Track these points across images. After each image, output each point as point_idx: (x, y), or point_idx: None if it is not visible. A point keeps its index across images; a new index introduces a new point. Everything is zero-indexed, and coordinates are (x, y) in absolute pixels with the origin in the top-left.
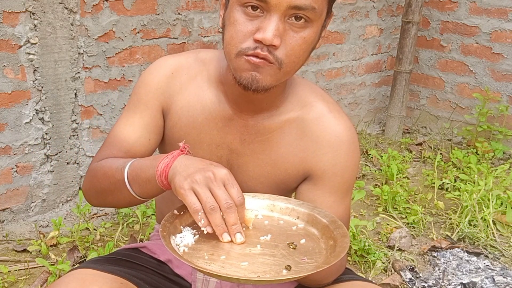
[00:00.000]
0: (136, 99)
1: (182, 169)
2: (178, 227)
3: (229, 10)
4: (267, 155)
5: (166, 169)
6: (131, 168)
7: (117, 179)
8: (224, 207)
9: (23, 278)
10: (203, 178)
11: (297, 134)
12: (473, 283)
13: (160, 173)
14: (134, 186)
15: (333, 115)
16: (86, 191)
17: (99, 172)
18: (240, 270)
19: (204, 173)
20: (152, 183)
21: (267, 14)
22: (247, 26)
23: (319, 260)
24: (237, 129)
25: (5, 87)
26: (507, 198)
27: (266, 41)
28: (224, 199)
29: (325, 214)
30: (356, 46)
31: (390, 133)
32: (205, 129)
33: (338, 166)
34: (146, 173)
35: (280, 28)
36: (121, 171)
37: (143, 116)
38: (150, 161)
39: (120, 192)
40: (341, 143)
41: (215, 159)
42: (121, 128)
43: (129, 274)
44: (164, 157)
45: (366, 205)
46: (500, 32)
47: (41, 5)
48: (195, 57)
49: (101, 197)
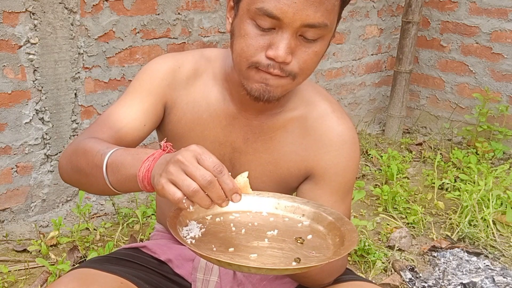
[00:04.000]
0: (138, 84)
1: (158, 168)
2: (184, 221)
3: (239, 20)
4: (269, 154)
5: (148, 173)
6: (112, 158)
7: (96, 164)
8: (202, 184)
9: (23, 278)
10: (174, 164)
11: (300, 133)
12: (473, 283)
13: (142, 179)
14: (112, 178)
15: (336, 115)
16: (62, 165)
17: (80, 150)
18: (250, 262)
19: (173, 160)
20: (132, 182)
21: (279, 30)
22: (259, 40)
23: (328, 255)
24: (241, 127)
25: (5, 87)
26: (507, 198)
27: (279, 59)
28: (199, 176)
29: (331, 212)
30: (356, 46)
31: (390, 133)
32: (209, 126)
33: (340, 166)
34: (127, 170)
35: (292, 45)
36: (101, 157)
37: (144, 101)
38: (132, 158)
39: (95, 178)
40: (343, 143)
41: (218, 157)
42: (117, 109)
43: (129, 274)
44: (145, 159)
45: (366, 205)
46: (500, 32)
47: (41, 5)
48: (200, 54)
49: (75, 176)
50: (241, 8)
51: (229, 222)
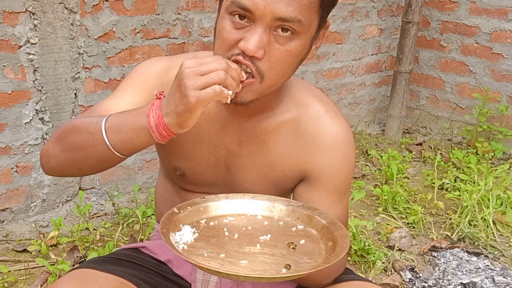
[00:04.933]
0: (130, 82)
1: (171, 102)
2: (177, 225)
3: (219, 18)
4: (263, 156)
5: (161, 119)
6: (110, 121)
7: (91, 132)
8: (223, 67)
9: (23, 278)
10: (187, 77)
11: (293, 135)
12: (473, 283)
13: (156, 127)
14: (115, 140)
15: (329, 116)
16: (46, 153)
17: (68, 129)
18: (240, 268)
19: (183, 75)
20: (140, 137)
21: (252, 24)
22: (233, 34)
23: (319, 261)
24: (234, 131)
25: (5, 87)
26: (507, 198)
27: (248, 52)
28: (215, 65)
29: (325, 216)
30: (356, 46)
31: (390, 133)
32: (204, 129)
33: (335, 167)
34: (132, 125)
35: (264, 40)
36: (96, 125)
37: (135, 97)
38: (132, 115)
39: (93, 148)
40: (338, 144)
41: (213, 160)
42: (106, 102)
43: (129, 274)
44: (149, 110)
45: (366, 205)
46: (500, 32)
47: (41, 5)
48: (193, 56)
49: (65, 156)
50: (222, 6)
51: (223, 226)
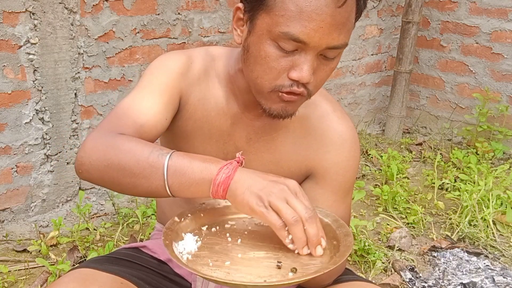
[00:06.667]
0: (154, 78)
1: (248, 183)
2: (179, 234)
3: (256, 39)
4: (271, 153)
5: (228, 180)
6: (175, 160)
7: (150, 164)
8: (305, 217)
9: (23, 278)
10: (279, 191)
11: (301, 132)
12: (473, 283)
13: (219, 184)
14: (174, 180)
15: (336, 115)
16: (91, 162)
17: (122, 147)
18: (246, 275)
19: (278, 186)
20: (201, 186)
21: (302, 51)
22: (281, 62)
23: (324, 261)
24: (244, 128)
25: (5, 87)
26: (507, 198)
27: (303, 80)
28: (304, 209)
29: (327, 214)
30: (356, 46)
31: (390, 133)
32: (216, 125)
33: (340, 165)
34: (195, 174)
35: (315, 65)
36: (158, 158)
37: (163, 95)
38: (201, 162)
39: (146, 179)
40: (344, 142)
41: (221, 156)
42: (135, 102)
43: (129, 274)
44: (222, 166)
45: (366, 205)
46: (500, 32)
47: (41, 5)
48: (206, 52)
49: (111, 174)
50: (258, 27)
51: (225, 231)
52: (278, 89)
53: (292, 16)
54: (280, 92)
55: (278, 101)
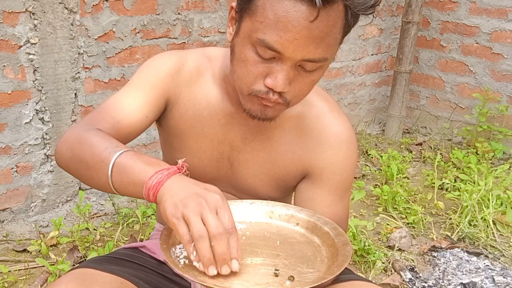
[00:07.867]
0: (142, 77)
1: (173, 192)
2: (177, 238)
3: (240, 41)
4: (267, 152)
5: (158, 186)
6: (122, 158)
7: (101, 159)
8: (213, 233)
9: (23, 278)
10: (195, 204)
11: (297, 132)
12: (473, 283)
13: (150, 188)
14: (116, 178)
15: (333, 115)
16: (61, 150)
17: (86, 140)
18: (243, 282)
19: (197, 199)
20: (137, 187)
21: (279, 60)
22: (258, 68)
23: (322, 269)
24: (239, 127)
25: (5, 87)
26: (507, 198)
27: (277, 89)
28: (214, 225)
29: (325, 221)
30: (356, 46)
31: (390, 133)
32: (209, 124)
33: (337, 165)
34: (135, 175)
35: (291, 75)
36: (109, 155)
37: (148, 94)
38: (143, 164)
39: (97, 173)
40: (340, 142)
41: (216, 155)
42: (120, 98)
43: (129, 273)
44: (159, 171)
45: (366, 205)
46: (500, 32)
47: (41, 5)
48: (202, 53)
49: (74, 165)
50: (242, 29)
51: None
52: (255, 94)
53: (270, 25)
54: (257, 97)
55: (257, 104)
